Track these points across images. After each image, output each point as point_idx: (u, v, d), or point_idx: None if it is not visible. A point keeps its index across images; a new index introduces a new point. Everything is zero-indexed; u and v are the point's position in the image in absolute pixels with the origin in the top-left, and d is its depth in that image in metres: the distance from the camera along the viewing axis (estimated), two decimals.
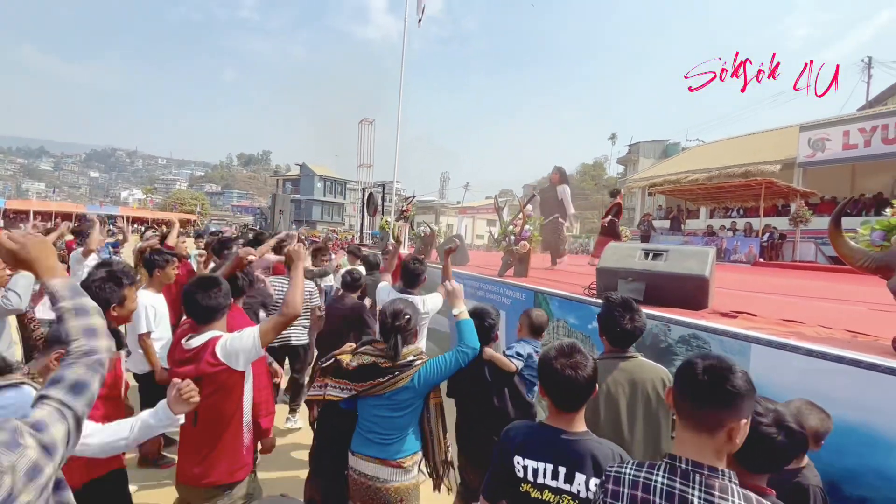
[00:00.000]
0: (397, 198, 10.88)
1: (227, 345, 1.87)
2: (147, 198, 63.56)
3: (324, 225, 45.43)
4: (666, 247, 3.23)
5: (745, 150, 17.83)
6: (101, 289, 2.12)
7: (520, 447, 1.48)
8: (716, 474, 1.05)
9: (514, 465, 1.46)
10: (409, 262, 3.36)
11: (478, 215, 40.35)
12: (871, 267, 2.14)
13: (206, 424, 1.91)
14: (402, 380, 2.03)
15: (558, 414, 1.47)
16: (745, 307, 3.11)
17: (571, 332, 3.30)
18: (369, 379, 2.04)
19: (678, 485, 1.07)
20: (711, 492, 1.03)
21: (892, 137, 12.77)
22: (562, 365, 1.44)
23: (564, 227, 6.54)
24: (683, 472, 1.07)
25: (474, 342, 2.15)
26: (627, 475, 1.15)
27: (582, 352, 1.48)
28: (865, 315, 3.23)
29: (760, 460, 1.29)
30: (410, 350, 2.14)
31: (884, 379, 1.68)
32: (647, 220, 14.09)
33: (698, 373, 1.10)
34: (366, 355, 2.11)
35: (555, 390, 1.46)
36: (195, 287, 1.93)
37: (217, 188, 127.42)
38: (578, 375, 1.42)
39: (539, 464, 1.43)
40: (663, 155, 33.80)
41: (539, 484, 1.42)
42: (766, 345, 2.07)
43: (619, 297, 2.07)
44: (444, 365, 2.10)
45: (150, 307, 2.98)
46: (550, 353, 1.50)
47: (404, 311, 2.15)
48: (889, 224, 2.17)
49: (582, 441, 1.42)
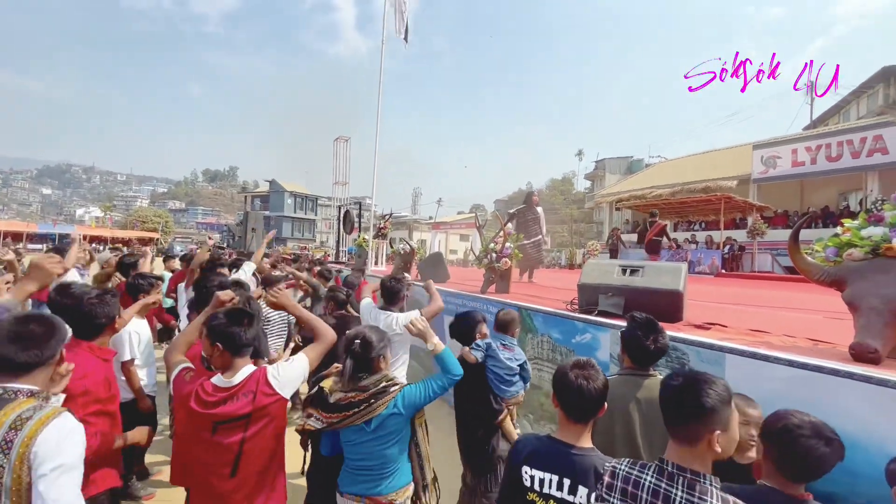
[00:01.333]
0: (372, 215, 10.91)
1: (280, 374, 1.85)
2: (106, 216, 60.79)
3: (294, 242, 44.63)
4: (642, 263, 3.42)
5: (704, 167, 18.83)
6: (104, 302, 2.18)
7: (528, 458, 1.56)
8: (698, 478, 1.19)
9: (522, 475, 1.54)
10: (388, 280, 3.34)
11: (451, 230, 40.60)
12: (826, 281, 2.35)
13: (254, 466, 1.80)
14: (380, 406, 1.93)
15: (567, 425, 1.56)
16: (715, 318, 3.31)
17: (556, 347, 3.42)
18: (343, 411, 1.94)
19: (664, 484, 1.22)
20: (692, 493, 1.18)
21: (835, 155, 13.81)
22: (576, 375, 1.54)
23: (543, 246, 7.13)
24: (669, 474, 1.23)
25: (457, 370, 2.09)
26: (621, 471, 1.31)
27: (596, 367, 1.59)
28: (823, 323, 3.49)
29: (802, 471, 1.36)
30: (376, 379, 2.00)
31: (843, 383, 1.85)
32: (616, 235, 14.57)
33: (671, 395, 1.28)
34: (338, 391, 2.01)
35: (567, 399, 1.55)
36: (233, 320, 1.84)
37: (181, 205, 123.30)
38: (590, 386, 1.51)
39: (545, 474, 1.51)
40: (628, 171, 35.16)
41: (545, 494, 1.50)
42: (739, 354, 2.23)
43: (644, 316, 2.08)
44: (427, 391, 2.03)
45: (134, 333, 2.89)
46: (567, 364, 1.61)
47: (366, 338, 2.02)
48: (840, 241, 2.38)
49: (588, 456, 1.50)
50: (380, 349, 2.04)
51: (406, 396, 1.99)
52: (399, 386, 2.02)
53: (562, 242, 44.48)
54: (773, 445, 1.41)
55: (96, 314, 2.12)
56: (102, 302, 2.16)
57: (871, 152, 13.01)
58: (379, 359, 2.04)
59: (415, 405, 2.01)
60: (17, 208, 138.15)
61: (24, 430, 1.26)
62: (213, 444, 1.73)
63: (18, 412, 1.30)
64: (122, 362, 2.83)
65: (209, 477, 1.77)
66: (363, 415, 1.92)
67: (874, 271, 2.16)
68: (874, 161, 12.97)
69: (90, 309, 2.11)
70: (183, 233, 63.08)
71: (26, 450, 1.24)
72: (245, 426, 1.75)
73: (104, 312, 2.15)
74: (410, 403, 1.99)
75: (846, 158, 13.56)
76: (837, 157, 13.74)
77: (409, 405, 1.99)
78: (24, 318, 1.48)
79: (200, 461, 1.78)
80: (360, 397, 1.94)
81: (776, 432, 1.40)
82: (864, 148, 13.16)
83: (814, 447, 1.33)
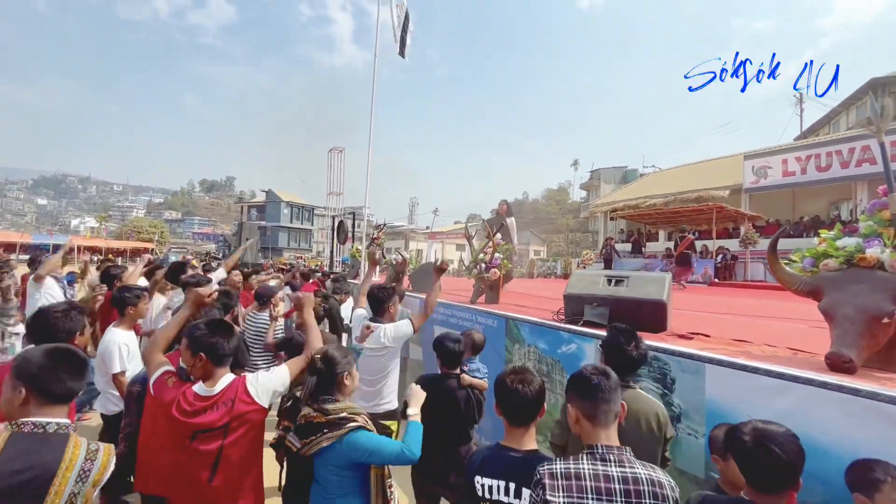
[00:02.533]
0: (367, 225, 10.94)
1: (258, 382, 1.88)
2: (101, 226, 60.57)
3: (290, 252, 44.56)
4: (627, 273, 3.45)
5: (697, 177, 18.99)
6: (67, 317, 2.26)
7: (479, 467, 1.61)
8: (622, 452, 1.40)
9: (475, 485, 1.57)
10: (375, 290, 3.28)
11: (447, 240, 40.67)
12: (803, 291, 2.39)
13: (232, 472, 1.80)
14: (329, 439, 1.79)
15: (511, 430, 1.62)
16: (699, 328, 3.33)
17: (542, 357, 3.42)
18: (310, 434, 1.84)
19: (600, 466, 1.37)
20: (623, 464, 1.37)
21: (824, 165, 13.98)
22: (511, 380, 1.61)
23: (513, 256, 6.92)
24: (602, 456, 1.38)
25: (417, 450, 1.86)
26: (559, 469, 1.39)
27: (531, 371, 1.67)
28: (805, 332, 3.52)
29: (767, 479, 1.34)
30: (340, 407, 1.87)
31: (818, 392, 1.87)
32: (610, 245, 14.66)
33: (588, 376, 1.50)
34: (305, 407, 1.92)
35: (506, 404, 1.62)
36: (215, 331, 1.87)
37: (177, 215, 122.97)
38: (526, 389, 1.58)
39: (494, 481, 1.55)
40: (623, 180, 35.45)
41: (494, 500, 1.52)
42: (717, 364, 2.25)
43: (623, 325, 2.15)
44: (382, 451, 1.81)
45: (124, 345, 2.85)
46: (504, 372, 1.68)
47: (328, 355, 1.93)
48: (817, 252, 2.42)
49: (529, 458, 1.54)
50: (343, 366, 1.94)
51: (354, 441, 1.80)
52: (355, 426, 1.83)
53: (557, 252, 44.61)
54: (739, 459, 1.41)
55: (57, 328, 2.21)
56: (66, 317, 2.25)
57: (860, 162, 13.17)
58: (343, 375, 1.94)
59: (359, 452, 1.79)
60: (12, 219, 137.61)
61: (98, 461, 1.47)
62: (192, 450, 1.76)
63: (85, 445, 1.49)
64: (113, 374, 2.81)
65: (187, 484, 1.78)
66: (317, 443, 1.81)
67: (848, 281, 2.19)
68: (863, 171, 13.12)
69: (53, 322, 2.21)
70: (179, 243, 62.84)
71: (101, 476, 1.47)
72: (223, 434, 1.78)
73: (64, 327, 2.23)
74: (355, 447, 1.79)
75: (835, 168, 13.72)
76: (827, 167, 13.90)
77: (354, 448, 1.79)
78: (68, 350, 1.59)
79: (179, 466, 1.78)
80: (320, 420, 1.84)
81: (738, 445, 1.41)
82: (852, 158, 13.33)
83: (777, 455, 1.32)
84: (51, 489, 1.35)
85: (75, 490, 1.40)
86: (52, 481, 1.35)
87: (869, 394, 1.73)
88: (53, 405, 1.46)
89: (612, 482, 1.32)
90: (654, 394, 2.45)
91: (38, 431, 1.40)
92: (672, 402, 2.43)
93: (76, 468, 1.40)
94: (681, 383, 2.43)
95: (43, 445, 1.39)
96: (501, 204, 7.19)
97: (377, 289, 3.28)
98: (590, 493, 1.32)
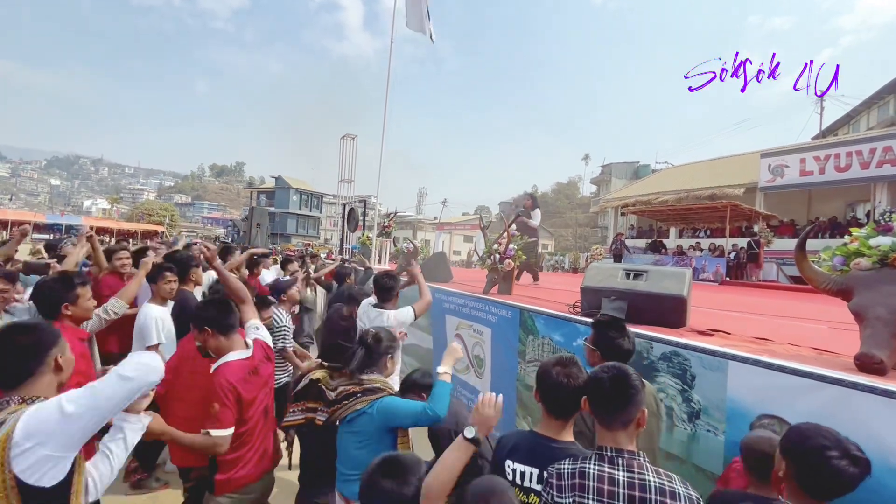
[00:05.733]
0: (377, 213, 10.94)
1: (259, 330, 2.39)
2: (112, 208, 61.18)
3: (299, 238, 44.78)
4: (645, 267, 3.39)
5: (710, 174, 18.73)
6: (52, 289, 2.36)
7: (511, 452, 1.59)
8: (634, 457, 1.33)
9: (506, 469, 1.55)
10: (381, 277, 3.38)
11: (455, 231, 40.61)
12: (832, 290, 2.32)
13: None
14: (362, 402, 1.96)
15: (549, 420, 1.59)
16: (718, 325, 3.28)
17: (556, 350, 3.40)
18: (342, 401, 2.02)
19: (606, 468, 1.32)
20: (632, 470, 1.31)
21: (843, 166, 13.71)
22: (557, 373, 1.57)
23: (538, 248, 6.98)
24: (610, 459, 1.34)
25: (443, 410, 1.94)
26: (566, 469, 1.37)
27: (578, 365, 1.61)
28: (827, 333, 3.45)
29: (827, 490, 1.31)
30: (376, 378, 2.07)
31: (847, 392, 1.83)
32: (620, 240, 14.53)
33: (606, 388, 1.39)
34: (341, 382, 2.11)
35: (548, 395, 1.58)
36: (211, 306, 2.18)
37: (187, 199, 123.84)
38: (571, 384, 1.54)
39: (526, 468, 1.53)
40: (634, 176, 35.05)
41: (525, 487, 1.51)
42: (742, 361, 2.21)
43: (609, 317, 2.18)
44: (408, 410, 1.96)
45: (159, 319, 3.08)
46: (549, 362, 1.63)
47: (378, 333, 2.17)
48: (848, 250, 2.36)
49: (568, 449, 1.52)
50: (387, 347, 2.16)
51: (384, 403, 1.96)
52: (386, 392, 2.02)
53: (566, 246, 44.39)
54: (798, 464, 1.35)
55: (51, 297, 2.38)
56: (52, 289, 2.39)
57: (881, 163, 12.90)
58: (385, 357, 2.15)
59: (388, 413, 1.94)
60: (26, 198, 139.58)
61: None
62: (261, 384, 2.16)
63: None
64: (148, 347, 2.96)
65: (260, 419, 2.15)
66: (348, 407, 1.97)
67: (881, 281, 2.13)
68: (883, 172, 12.85)
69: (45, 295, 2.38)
70: (189, 226, 63.42)
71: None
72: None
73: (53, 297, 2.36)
74: (384, 410, 1.94)
75: (855, 169, 13.45)
76: (846, 167, 13.63)
77: (383, 411, 1.94)
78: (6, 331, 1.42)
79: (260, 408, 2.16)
80: (355, 389, 2.00)
81: (803, 451, 1.34)
82: (873, 159, 13.05)
83: (844, 468, 1.28)
84: None
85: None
86: None
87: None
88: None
89: (616, 486, 1.28)
90: (675, 389, 2.42)
91: None
92: (692, 398, 2.40)
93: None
94: (701, 380, 2.39)
95: None
96: (526, 198, 7.21)
97: (384, 276, 3.36)
98: (591, 494, 1.30)
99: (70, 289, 2.37)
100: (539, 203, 7.33)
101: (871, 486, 1.59)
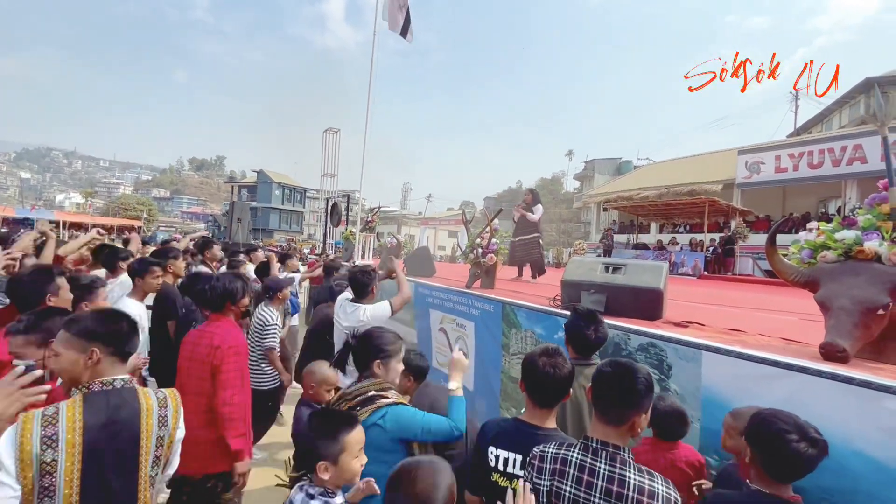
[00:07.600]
0: (360, 208, 10.87)
1: None
2: (87, 202, 59.37)
3: (281, 234, 44.18)
4: (624, 261, 3.46)
5: (690, 170, 19.12)
6: (33, 282, 2.27)
7: (494, 439, 1.61)
8: (618, 451, 1.33)
9: (488, 455, 1.58)
10: (357, 273, 3.28)
11: (440, 226, 40.61)
12: (800, 282, 2.41)
13: None
14: (364, 414, 1.72)
15: (533, 409, 1.62)
16: (694, 317, 3.37)
17: (538, 342, 3.45)
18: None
19: (589, 459, 1.33)
20: (614, 464, 1.30)
21: (816, 163, 14.14)
22: (543, 363, 1.58)
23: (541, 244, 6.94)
24: (594, 450, 1.34)
25: (462, 426, 1.83)
26: (549, 453, 1.39)
27: (563, 356, 1.64)
28: (797, 324, 3.58)
29: (789, 472, 1.38)
30: (372, 384, 1.85)
31: (812, 380, 1.91)
32: (609, 234, 14.76)
33: (608, 381, 1.36)
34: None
35: (533, 385, 1.60)
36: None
37: (166, 193, 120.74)
38: (556, 374, 1.57)
39: (509, 454, 1.56)
40: (617, 172, 35.51)
41: (508, 473, 1.54)
42: (714, 352, 2.28)
43: (584, 308, 2.22)
44: (423, 422, 1.75)
45: (138, 317, 2.79)
46: (536, 352, 1.65)
47: (372, 333, 1.98)
48: (814, 244, 2.45)
49: (551, 436, 1.55)
50: (382, 352, 1.93)
51: (394, 414, 1.74)
52: (391, 400, 1.79)
53: (549, 241, 44.83)
54: (761, 449, 1.41)
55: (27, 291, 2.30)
56: (34, 281, 2.32)
57: (851, 161, 13.35)
58: (374, 362, 1.91)
59: (402, 427, 1.73)
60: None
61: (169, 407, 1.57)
62: None
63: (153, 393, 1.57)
64: None
65: None
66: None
67: (845, 273, 2.22)
68: (853, 169, 13.31)
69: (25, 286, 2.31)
70: (167, 221, 61.89)
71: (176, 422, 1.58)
72: None
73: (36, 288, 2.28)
74: (396, 422, 1.73)
75: (827, 166, 13.89)
76: (819, 164, 14.07)
77: (395, 423, 1.72)
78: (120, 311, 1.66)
79: None
80: (348, 405, 1.79)
81: (765, 437, 1.40)
82: (844, 156, 13.50)
83: (803, 451, 1.34)
84: (142, 435, 1.46)
85: (161, 434, 1.52)
86: (141, 428, 1.46)
87: (862, 382, 1.76)
88: (123, 363, 1.53)
89: (595, 477, 1.30)
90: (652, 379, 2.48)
91: (107, 389, 1.45)
92: (669, 387, 2.47)
93: (154, 414, 1.51)
94: (677, 370, 2.46)
95: (118, 398, 1.46)
96: (527, 194, 7.14)
97: (359, 272, 3.29)
98: (570, 481, 1.32)
99: (50, 280, 2.31)
100: (540, 198, 7.25)
101: (835, 469, 1.67)
